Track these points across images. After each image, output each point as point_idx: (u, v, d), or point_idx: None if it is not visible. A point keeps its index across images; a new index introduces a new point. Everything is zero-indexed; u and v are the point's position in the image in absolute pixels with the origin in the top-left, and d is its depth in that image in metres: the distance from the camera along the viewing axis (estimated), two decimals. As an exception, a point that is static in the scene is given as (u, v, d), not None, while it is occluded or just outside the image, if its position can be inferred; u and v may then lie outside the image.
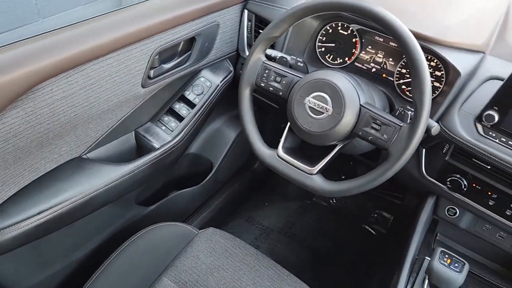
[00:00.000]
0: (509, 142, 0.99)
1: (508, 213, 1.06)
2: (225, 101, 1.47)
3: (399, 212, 1.89)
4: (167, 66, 1.22)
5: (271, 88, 1.06)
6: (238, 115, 1.11)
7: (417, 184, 1.22)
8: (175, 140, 1.29)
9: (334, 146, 1.01)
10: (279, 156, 1.04)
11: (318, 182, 0.99)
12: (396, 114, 1.00)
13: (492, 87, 1.01)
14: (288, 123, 1.06)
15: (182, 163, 1.53)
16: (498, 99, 0.98)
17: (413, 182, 1.23)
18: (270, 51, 1.16)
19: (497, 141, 1.00)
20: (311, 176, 1.00)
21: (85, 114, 1.05)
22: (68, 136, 1.07)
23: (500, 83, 0.98)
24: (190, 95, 1.34)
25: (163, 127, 1.32)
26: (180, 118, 1.33)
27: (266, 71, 1.06)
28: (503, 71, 0.99)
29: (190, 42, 1.27)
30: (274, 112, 1.49)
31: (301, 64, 1.13)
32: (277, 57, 1.14)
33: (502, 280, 1.16)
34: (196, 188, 1.60)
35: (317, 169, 1.00)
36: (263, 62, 1.06)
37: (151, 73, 1.18)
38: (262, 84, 1.07)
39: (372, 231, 1.95)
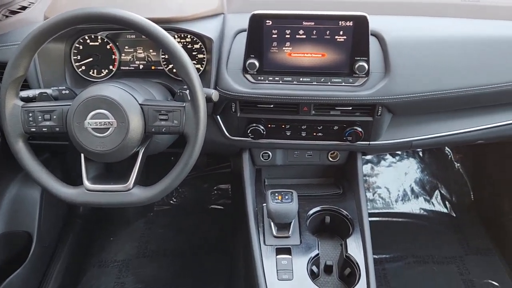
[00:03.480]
0: (276, 78, 1.12)
1: (303, 134, 1.22)
2: (7, 162, 1.29)
3: (232, 178, 2.00)
4: None
5: (44, 129, 0.97)
6: None
7: (229, 147, 1.30)
8: (-34, 234, 1.09)
9: (137, 153, 0.99)
10: (88, 190, 0.98)
11: (137, 194, 0.97)
12: (178, 97, 1.03)
13: (242, 39, 1.12)
14: (82, 154, 0.99)
15: (-7, 251, 1.32)
16: (250, 47, 1.09)
17: (225, 148, 1.31)
18: (26, 93, 1.05)
19: (266, 82, 1.12)
20: (129, 192, 0.97)
21: None
22: None
23: (245, 33, 1.09)
24: (-43, 177, 1.14)
25: None
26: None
27: (30, 114, 0.96)
28: (244, 23, 1.09)
29: None
30: (69, 149, 1.38)
31: (66, 92, 1.06)
32: (36, 95, 1.04)
33: (327, 188, 1.35)
34: (25, 267, 1.40)
35: (132, 183, 0.97)
36: (22, 107, 0.96)
37: None
38: (33, 129, 0.97)
39: (220, 207, 2.03)
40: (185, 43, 1.20)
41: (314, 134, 1.22)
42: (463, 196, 2.07)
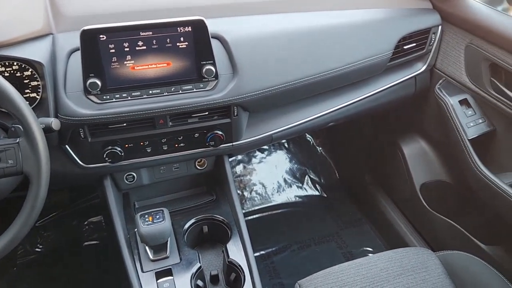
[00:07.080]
0: (123, 95, 1.05)
1: (164, 148, 1.17)
2: None
3: (103, 208, 1.86)
4: None
5: None
6: None
7: (87, 177, 1.19)
8: None
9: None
10: None
11: None
12: (12, 133, 0.91)
13: (78, 59, 1.02)
14: None
15: None
16: (88, 66, 1.01)
17: (82, 178, 1.20)
18: None
19: (113, 100, 1.05)
20: None
21: None
22: None
23: (80, 52, 1.00)
24: None
25: None
26: None
27: None
28: (77, 41, 1.00)
29: None
30: None
31: None
32: None
33: (200, 198, 1.32)
34: None
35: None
36: None
37: None
38: None
39: (95, 241, 1.86)
40: (12, 71, 1.06)
41: (176, 145, 1.18)
42: (330, 176, 2.24)
